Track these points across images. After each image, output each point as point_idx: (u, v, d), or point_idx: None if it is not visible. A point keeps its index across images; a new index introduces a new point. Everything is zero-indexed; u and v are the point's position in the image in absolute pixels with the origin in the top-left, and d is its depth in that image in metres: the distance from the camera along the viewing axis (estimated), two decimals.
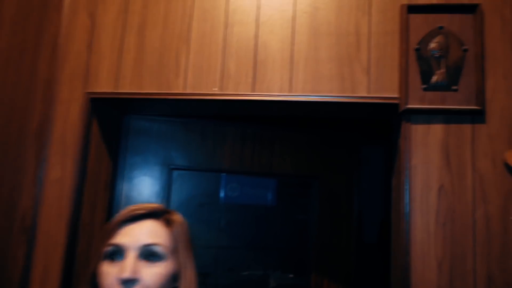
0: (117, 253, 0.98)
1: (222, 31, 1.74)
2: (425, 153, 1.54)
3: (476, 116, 1.53)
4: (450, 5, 1.60)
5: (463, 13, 1.60)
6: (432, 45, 1.59)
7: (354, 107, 1.66)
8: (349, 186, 2.43)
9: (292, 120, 2.38)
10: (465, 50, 1.57)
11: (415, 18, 1.62)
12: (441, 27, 1.60)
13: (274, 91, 1.67)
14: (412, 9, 1.62)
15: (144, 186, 2.19)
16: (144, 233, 1.00)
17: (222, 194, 2.42)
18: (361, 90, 1.62)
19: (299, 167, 2.34)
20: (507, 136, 1.51)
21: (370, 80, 1.62)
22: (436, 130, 1.55)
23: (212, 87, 1.70)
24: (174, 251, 1.02)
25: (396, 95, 1.59)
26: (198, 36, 1.75)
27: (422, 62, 1.58)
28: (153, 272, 0.96)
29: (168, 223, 1.05)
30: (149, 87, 1.73)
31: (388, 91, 1.60)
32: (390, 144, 1.78)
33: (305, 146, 2.38)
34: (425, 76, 1.57)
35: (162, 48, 1.75)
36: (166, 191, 2.21)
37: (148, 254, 0.98)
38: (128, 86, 1.74)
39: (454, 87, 1.55)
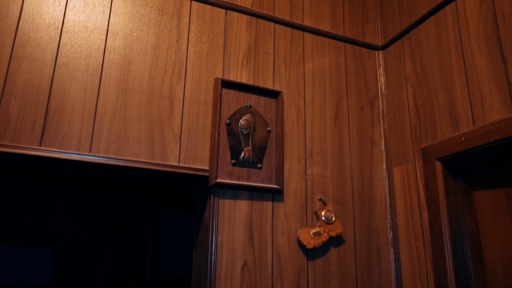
0: None
1: (5, 63, 1.36)
2: (231, 228, 1.52)
3: (276, 195, 1.62)
4: (257, 87, 1.72)
5: (268, 96, 1.74)
6: (242, 122, 1.64)
7: (163, 175, 1.52)
8: (143, 254, 2.20)
9: (80, 178, 2.05)
10: (269, 131, 1.69)
11: (228, 93, 1.66)
12: (249, 106, 1.68)
13: (71, 148, 1.38)
14: (226, 84, 1.66)
15: None
16: None
17: None
18: (171, 158, 1.51)
19: (86, 235, 1.99)
20: (299, 215, 1.65)
21: (181, 149, 1.54)
22: (242, 206, 1.56)
23: None
24: None
25: (206, 167, 1.54)
26: None
27: (232, 137, 1.61)
28: None
29: None
30: None
31: (199, 162, 1.55)
32: (190, 212, 1.71)
33: (95, 209, 2.06)
34: (234, 152, 1.59)
35: None
36: None
37: None
38: None
39: (259, 165, 1.62)
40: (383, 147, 1.94)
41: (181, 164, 1.51)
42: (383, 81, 2.04)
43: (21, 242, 1.85)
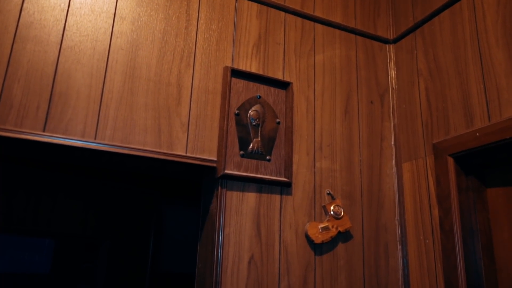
0: None
1: (8, 44, 1.31)
2: (239, 221, 1.48)
3: (285, 188, 1.58)
4: (267, 77, 1.67)
5: (278, 87, 1.69)
6: (251, 112, 1.60)
7: (170, 165, 1.48)
8: (144, 245, 2.16)
9: (82, 167, 2.00)
10: (279, 123, 1.64)
11: (237, 83, 1.61)
12: (259, 97, 1.64)
13: (76, 134, 1.33)
14: (235, 73, 1.61)
15: None
16: None
17: None
18: (179, 148, 1.46)
19: (87, 225, 1.95)
20: (308, 209, 1.61)
21: (189, 138, 1.49)
22: (250, 198, 1.52)
23: None
24: None
25: (214, 158, 1.50)
26: None
27: (241, 128, 1.56)
28: None
29: None
30: None
31: (206, 153, 1.50)
32: (189, 200, 1.66)
33: (96, 200, 2.01)
34: (243, 143, 1.55)
35: None
36: None
37: None
38: None
39: (268, 157, 1.58)
40: (392, 142, 1.90)
41: (188, 154, 1.47)
42: (393, 75, 2.00)
43: (21, 232, 1.80)
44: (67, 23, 1.41)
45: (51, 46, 1.37)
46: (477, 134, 1.50)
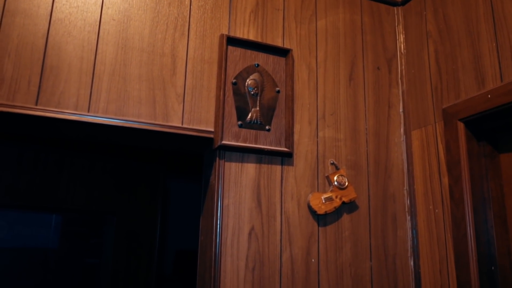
0: None
1: None
2: (238, 192, 1.45)
3: (286, 158, 1.54)
4: (266, 45, 1.61)
5: (277, 55, 1.63)
6: (249, 81, 1.55)
7: (166, 137, 1.45)
8: (151, 220, 2.17)
9: (86, 143, 2.00)
10: (278, 92, 1.59)
11: (234, 51, 1.56)
12: (257, 65, 1.58)
13: (68, 108, 1.31)
14: (232, 41, 1.55)
15: None
16: None
17: None
18: (174, 119, 1.43)
19: (93, 200, 1.96)
20: (310, 179, 1.57)
21: (185, 109, 1.46)
22: (249, 169, 1.48)
23: None
24: None
25: (211, 129, 1.47)
26: None
27: (238, 97, 1.52)
28: None
29: None
30: None
31: (203, 124, 1.47)
32: (195, 175, 1.64)
33: (102, 175, 2.02)
34: (241, 113, 1.51)
35: None
36: None
37: None
38: None
39: (268, 127, 1.53)
40: (401, 110, 1.82)
41: (184, 125, 1.44)
42: (402, 39, 1.90)
43: (28, 208, 1.83)
44: None
45: (40, 18, 1.35)
46: (489, 95, 1.41)
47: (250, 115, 1.51)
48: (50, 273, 1.94)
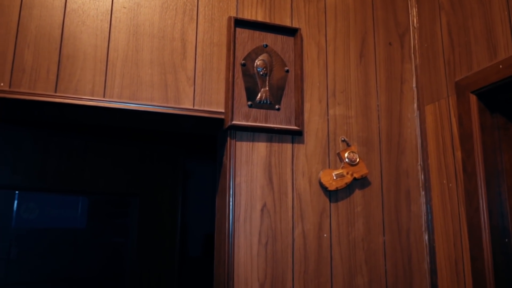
0: None
1: (16, 12, 1.37)
2: (249, 171, 1.49)
3: (296, 136, 1.57)
4: (274, 25, 1.62)
5: (285, 34, 1.64)
6: (258, 62, 1.57)
7: (178, 119, 1.51)
8: (173, 201, 2.26)
9: (109, 129, 2.09)
10: (287, 71, 1.61)
11: (242, 33, 1.58)
12: (266, 45, 1.60)
13: (85, 94, 1.38)
14: (239, 23, 1.58)
15: None
16: None
17: (14, 216, 1.93)
18: (186, 102, 1.48)
19: (117, 183, 2.06)
20: (321, 156, 1.59)
21: (196, 92, 1.50)
22: (260, 148, 1.52)
23: None
24: None
25: (221, 110, 1.51)
26: None
27: (247, 78, 1.55)
28: None
29: None
30: None
31: (214, 105, 1.51)
32: (215, 157, 1.70)
33: (124, 159, 2.11)
34: (251, 93, 1.54)
35: None
36: None
37: None
38: None
39: (277, 106, 1.56)
40: (414, 85, 1.81)
41: (196, 107, 1.49)
42: (415, 13, 1.87)
43: (57, 191, 1.94)
44: None
45: (56, 10, 1.41)
46: (500, 66, 1.39)
47: (259, 95, 1.54)
48: (79, 251, 2.07)
